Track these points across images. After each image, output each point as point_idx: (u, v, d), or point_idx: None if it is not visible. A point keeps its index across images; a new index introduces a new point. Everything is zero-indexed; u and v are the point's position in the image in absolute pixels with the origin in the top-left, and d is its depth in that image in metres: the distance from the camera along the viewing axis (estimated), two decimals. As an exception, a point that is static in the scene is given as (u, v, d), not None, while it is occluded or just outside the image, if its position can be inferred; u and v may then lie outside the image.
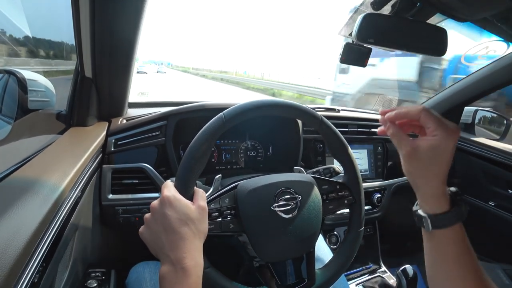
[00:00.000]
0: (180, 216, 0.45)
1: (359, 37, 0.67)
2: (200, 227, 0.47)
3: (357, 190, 0.65)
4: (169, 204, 0.45)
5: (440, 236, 0.45)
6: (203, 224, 0.48)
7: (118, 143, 0.87)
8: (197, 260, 0.45)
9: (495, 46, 0.91)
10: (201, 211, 0.48)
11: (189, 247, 0.44)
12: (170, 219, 0.44)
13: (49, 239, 0.46)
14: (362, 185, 0.66)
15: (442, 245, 0.45)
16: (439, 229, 0.45)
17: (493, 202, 1.33)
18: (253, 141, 1.13)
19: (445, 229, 0.44)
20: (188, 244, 0.44)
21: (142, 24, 0.73)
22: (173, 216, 0.45)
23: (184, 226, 0.45)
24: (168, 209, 0.45)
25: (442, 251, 0.45)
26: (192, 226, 0.45)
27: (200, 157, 0.51)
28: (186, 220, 0.45)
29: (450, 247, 0.45)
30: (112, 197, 0.85)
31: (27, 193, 0.47)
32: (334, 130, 0.63)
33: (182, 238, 0.44)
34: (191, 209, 0.47)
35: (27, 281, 0.38)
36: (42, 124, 0.89)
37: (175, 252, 0.43)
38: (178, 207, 0.45)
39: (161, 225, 0.45)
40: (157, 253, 0.46)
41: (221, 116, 0.53)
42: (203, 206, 0.49)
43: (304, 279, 0.58)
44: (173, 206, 0.45)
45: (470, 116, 1.48)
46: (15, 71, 0.78)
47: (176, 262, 0.42)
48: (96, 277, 0.69)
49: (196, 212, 0.47)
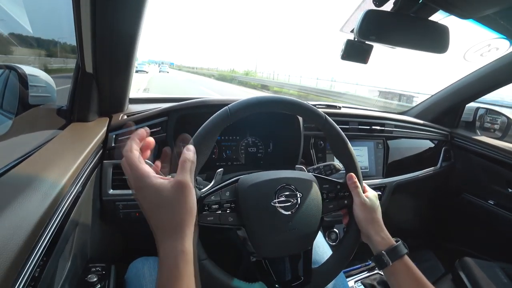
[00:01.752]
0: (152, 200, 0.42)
1: (361, 33, 0.66)
2: (180, 208, 0.42)
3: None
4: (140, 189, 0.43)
5: (397, 269, 0.57)
6: (185, 203, 0.43)
7: (119, 139, 0.87)
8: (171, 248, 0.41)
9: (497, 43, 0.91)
10: (180, 187, 0.43)
11: (163, 236, 0.42)
12: (143, 205, 0.43)
13: (49, 234, 0.46)
14: (363, 185, 0.66)
15: (401, 275, 0.56)
16: (396, 260, 0.56)
17: (493, 200, 1.34)
18: (253, 137, 1.13)
19: (400, 261, 0.56)
20: (163, 232, 0.42)
21: (143, 19, 0.73)
22: (146, 204, 0.43)
23: (159, 209, 0.42)
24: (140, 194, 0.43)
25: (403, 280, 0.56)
26: (169, 208, 0.42)
27: (203, 147, 0.51)
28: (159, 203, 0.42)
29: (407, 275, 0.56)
30: (112, 193, 0.85)
31: (27, 188, 0.47)
32: (337, 129, 0.63)
33: (156, 226, 0.42)
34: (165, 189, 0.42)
35: (27, 275, 0.39)
36: (42, 119, 0.89)
37: (158, 234, 0.42)
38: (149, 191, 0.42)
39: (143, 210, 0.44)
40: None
41: (226, 110, 0.54)
42: (182, 182, 0.43)
43: (300, 277, 0.59)
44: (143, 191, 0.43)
45: (471, 114, 1.47)
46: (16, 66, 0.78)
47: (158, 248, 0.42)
48: (96, 272, 0.69)
49: (171, 191, 0.42)
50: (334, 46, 29.80)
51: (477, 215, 1.42)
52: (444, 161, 1.44)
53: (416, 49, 0.69)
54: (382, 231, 0.60)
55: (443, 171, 1.43)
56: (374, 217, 0.61)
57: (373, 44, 0.75)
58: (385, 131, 1.28)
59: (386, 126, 1.29)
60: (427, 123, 1.45)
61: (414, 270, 0.56)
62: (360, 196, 0.61)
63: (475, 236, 1.46)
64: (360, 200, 0.61)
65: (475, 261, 1.00)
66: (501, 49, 0.94)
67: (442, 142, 1.47)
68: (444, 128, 1.48)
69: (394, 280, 0.57)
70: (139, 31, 0.76)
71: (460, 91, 1.40)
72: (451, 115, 1.50)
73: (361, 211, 0.61)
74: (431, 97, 1.54)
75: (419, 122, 1.42)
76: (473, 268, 0.97)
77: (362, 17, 0.65)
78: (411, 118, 1.45)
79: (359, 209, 0.61)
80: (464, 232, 1.52)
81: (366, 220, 0.60)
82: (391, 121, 1.31)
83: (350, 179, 0.63)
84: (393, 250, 0.57)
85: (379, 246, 0.59)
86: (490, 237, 1.37)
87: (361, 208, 0.61)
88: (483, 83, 1.31)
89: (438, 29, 0.66)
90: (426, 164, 1.40)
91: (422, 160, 1.41)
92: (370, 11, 0.65)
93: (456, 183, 1.49)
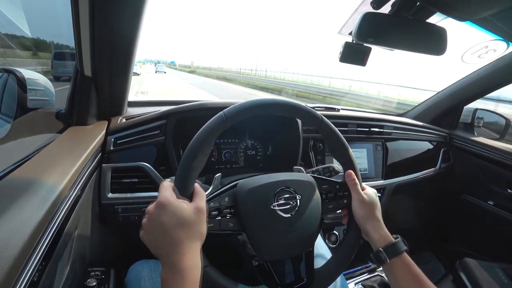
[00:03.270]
0: (173, 220, 0.45)
1: (359, 36, 0.67)
2: (196, 229, 0.46)
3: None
4: (162, 208, 0.45)
5: (396, 265, 0.56)
6: (201, 226, 0.47)
7: (117, 142, 0.87)
8: (193, 262, 0.45)
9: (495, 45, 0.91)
10: (198, 212, 0.47)
11: (184, 251, 0.44)
12: (164, 224, 0.45)
13: (48, 238, 0.46)
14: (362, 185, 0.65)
15: (399, 272, 0.56)
16: (394, 257, 0.56)
17: (492, 201, 1.34)
18: (252, 140, 1.13)
19: (398, 258, 0.56)
20: (185, 247, 0.44)
21: (142, 22, 0.73)
22: (167, 222, 0.45)
23: (178, 229, 0.45)
24: (162, 213, 0.45)
25: (401, 277, 0.56)
26: (187, 229, 0.45)
27: (200, 155, 0.51)
28: (181, 224, 0.45)
29: (405, 272, 0.55)
30: (111, 196, 0.85)
31: (26, 192, 0.47)
32: (335, 130, 0.63)
33: (176, 242, 0.44)
34: (186, 211, 0.46)
35: (26, 279, 0.38)
36: (41, 123, 0.89)
37: (172, 256, 0.43)
38: (172, 211, 0.45)
39: (157, 230, 0.45)
40: (157, 255, 0.46)
41: (221, 115, 0.53)
42: (201, 207, 0.48)
43: (303, 279, 0.58)
44: (167, 210, 0.45)
45: (470, 116, 1.48)
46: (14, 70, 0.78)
47: (172, 265, 0.43)
48: (96, 275, 0.69)
49: (192, 214, 0.46)
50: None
51: (476, 216, 1.42)
52: (443, 163, 1.44)
53: (414, 51, 0.69)
54: (380, 228, 0.60)
55: (442, 173, 1.43)
56: (372, 213, 0.61)
57: (371, 46, 0.75)
58: (384, 133, 1.28)
59: (385, 128, 1.29)
60: (426, 124, 1.45)
61: (413, 267, 0.56)
62: (358, 193, 0.61)
63: (475, 237, 1.46)
64: (358, 197, 0.61)
65: (475, 262, 1.00)
66: (499, 50, 0.95)
67: (441, 143, 1.47)
68: (443, 129, 1.48)
69: (393, 277, 0.57)
70: (137, 34, 0.76)
71: (458, 93, 1.41)
72: (450, 116, 1.51)
73: (360, 208, 0.61)
74: (429, 99, 1.54)
75: (418, 123, 1.43)
76: (473, 269, 0.97)
77: (360, 19, 0.65)
78: (409, 120, 1.46)
79: (357, 206, 0.61)
80: (464, 233, 1.52)
81: (364, 217, 0.61)
82: (390, 123, 1.32)
83: (349, 176, 0.63)
84: (391, 247, 0.57)
85: (377, 243, 0.59)
86: (490, 237, 1.37)
87: (359, 205, 0.61)
88: (481, 84, 1.32)
89: (435, 31, 0.67)
90: (425, 165, 1.40)
91: (421, 161, 1.41)
92: (368, 13, 0.65)
93: (455, 184, 1.49)
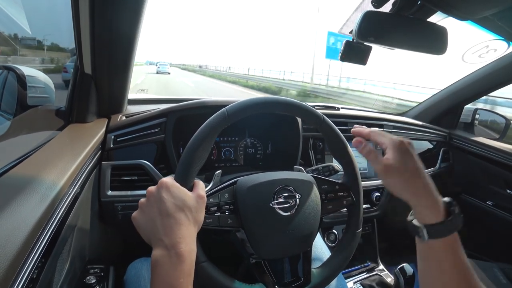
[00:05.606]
0: (176, 201, 0.45)
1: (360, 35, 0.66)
2: (196, 215, 0.47)
3: (357, 191, 0.65)
4: (166, 188, 0.46)
5: (435, 245, 0.45)
6: (200, 213, 0.48)
7: (117, 140, 0.87)
8: (191, 246, 0.44)
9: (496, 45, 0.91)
10: (199, 200, 0.48)
11: (184, 233, 0.43)
12: (166, 203, 0.44)
13: (48, 236, 0.46)
14: (361, 186, 0.66)
15: (438, 254, 0.45)
16: (435, 239, 0.44)
17: (491, 201, 1.34)
18: (252, 138, 1.13)
19: (441, 239, 0.44)
20: (183, 229, 0.44)
21: (142, 19, 0.73)
22: (170, 201, 0.45)
23: (180, 211, 0.44)
24: (165, 193, 0.45)
25: (437, 259, 0.45)
26: (188, 213, 0.45)
27: (201, 151, 0.51)
28: (182, 206, 0.45)
29: (445, 256, 0.44)
30: (111, 194, 0.85)
31: (26, 189, 0.47)
32: (336, 130, 0.63)
33: (177, 223, 0.44)
34: (188, 196, 0.47)
35: (26, 276, 0.38)
36: (41, 120, 0.89)
37: (170, 237, 0.42)
38: (175, 192, 0.46)
39: (157, 209, 0.44)
40: (149, 238, 0.44)
41: (224, 112, 0.54)
42: (201, 195, 0.49)
43: (300, 278, 0.59)
44: (170, 190, 0.45)
45: (470, 115, 1.48)
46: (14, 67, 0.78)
47: (170, 247, 0.42)
48: (95, 273, 0.69)
49: (193, 200, 0.47)
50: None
51: (475, 216, 1.42)
52: (443, 162, 1.44)
53: (414, 50, 0.69)
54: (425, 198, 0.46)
55: (441, 172, 1.43)
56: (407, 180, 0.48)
57: (371, 45, 0.75)
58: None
59: (385, 127, 1.29)
60: (426, 124, 1.45)
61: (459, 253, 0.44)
62: (379, 163, 0.49)
63: (473, 237, 1.46)
64: (380, 167, 0.49)
65: (474, 261, 1.00)
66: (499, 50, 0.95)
67: (440, 143, 1.47)
68: (443, 129, 1.48)
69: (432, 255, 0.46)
70: (138, 32, 0.76)
71: (459, 93, 1.40)
72: (450, 116, 1.51)
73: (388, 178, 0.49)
74: (429, 98, 1.54)
75: (418, 123, 1.43)
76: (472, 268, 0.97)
77: (360, 18, 0.65)
78: (409, 119, 1.46)
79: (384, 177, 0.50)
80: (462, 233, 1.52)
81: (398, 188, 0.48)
82: (390, 122, 1.32)
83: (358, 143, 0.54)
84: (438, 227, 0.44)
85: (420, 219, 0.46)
86: (489, 237, 1.37)
87: (386, 175, 0.49)
88: (481, 84, 1.32)
89: (436, 30, 0.66)
90: (425, 165, 1.38)
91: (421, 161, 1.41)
92: (369, 12, 0.65)
93: (455, 184, 1.49)
